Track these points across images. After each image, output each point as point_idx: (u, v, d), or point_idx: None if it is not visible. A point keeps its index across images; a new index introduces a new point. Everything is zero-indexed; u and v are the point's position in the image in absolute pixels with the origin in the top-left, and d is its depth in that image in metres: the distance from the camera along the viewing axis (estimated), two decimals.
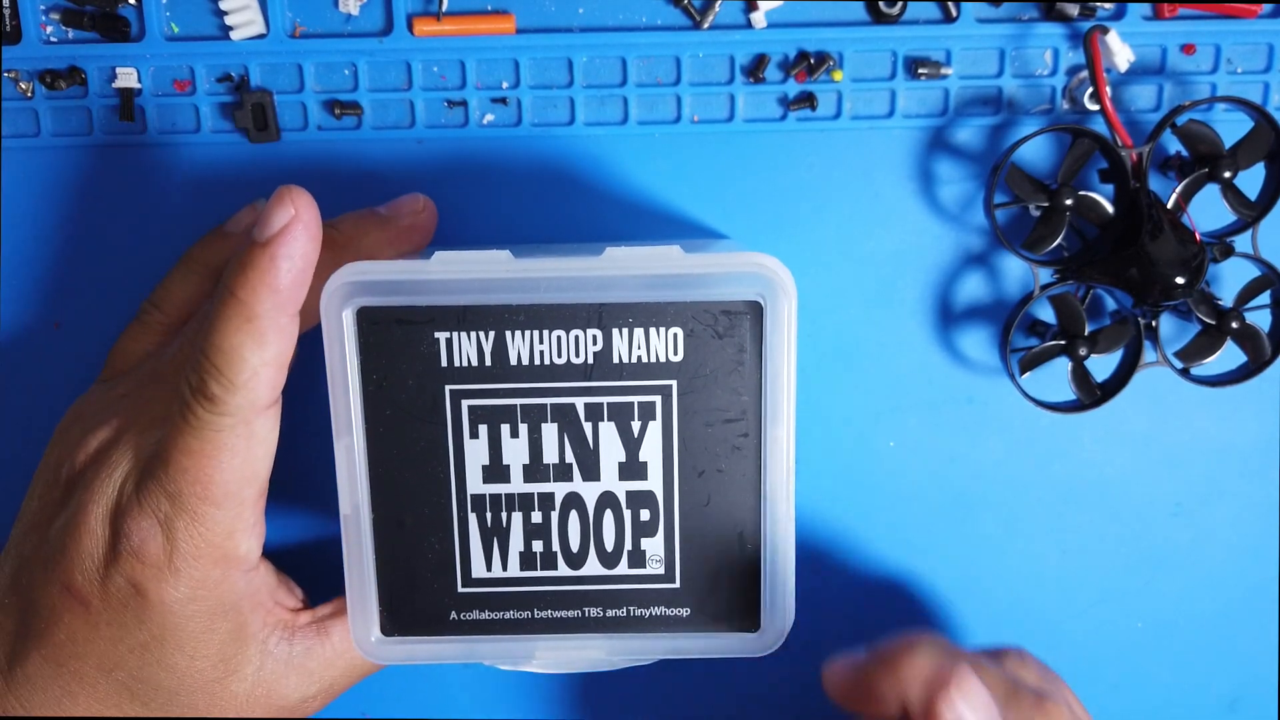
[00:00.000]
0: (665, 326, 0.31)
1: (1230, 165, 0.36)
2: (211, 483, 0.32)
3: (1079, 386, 0.38)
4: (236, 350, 0.31)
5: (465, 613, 0.33)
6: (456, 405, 0.31)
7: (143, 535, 0.32)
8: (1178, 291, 0.36)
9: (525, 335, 0.31)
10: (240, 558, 0.33)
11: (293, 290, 0.31)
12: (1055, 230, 0.37)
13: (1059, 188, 0.37)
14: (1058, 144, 0.39)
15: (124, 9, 0.38)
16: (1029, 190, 0.37)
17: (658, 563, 0.32)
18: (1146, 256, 0.36)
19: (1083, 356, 0.37)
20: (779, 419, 0.31)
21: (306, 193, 0.31)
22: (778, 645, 0.32)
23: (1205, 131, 0.37)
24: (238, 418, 0.32)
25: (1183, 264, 0.36)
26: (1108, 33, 0.36)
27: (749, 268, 0.30)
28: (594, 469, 0.32)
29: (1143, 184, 0.36)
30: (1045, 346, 0.38)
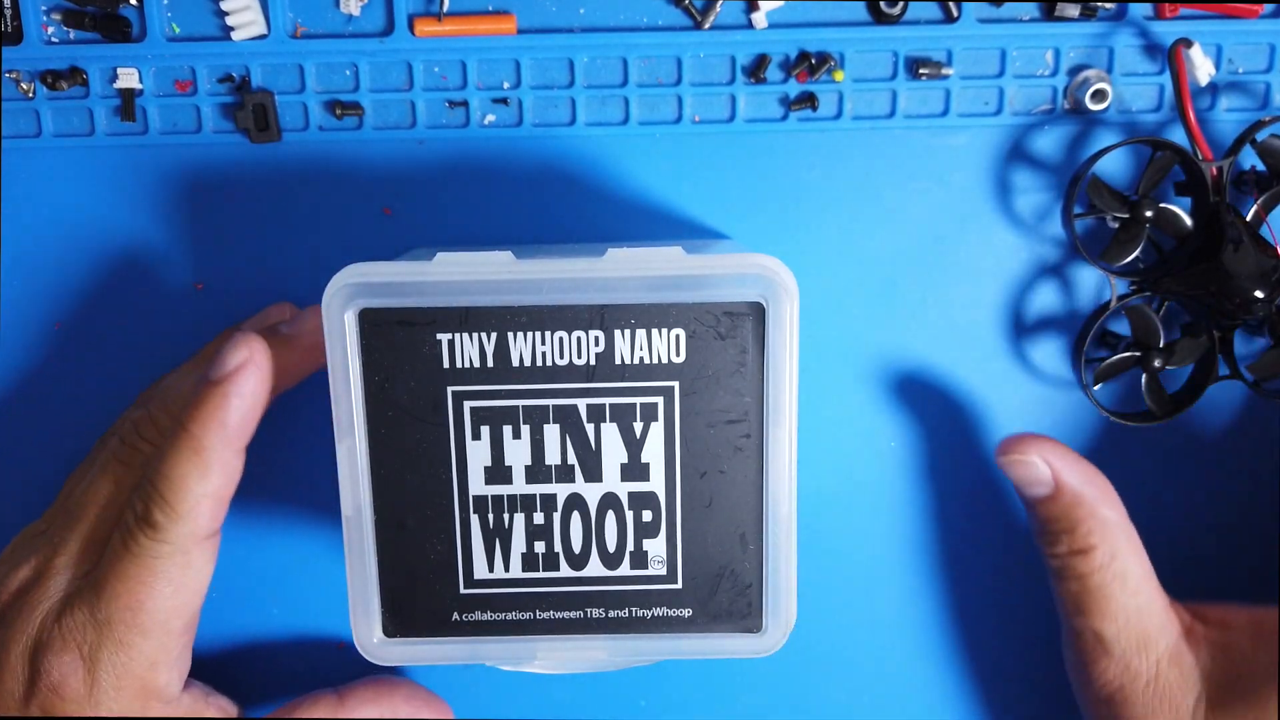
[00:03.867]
0: (667, 328, 0.31)
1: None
2: (142, 610, 0.33)
3: (1153, 398, 0.38)
4: (182, 480, 0.32)
5: (467, 614, 0.33)
6: (459, 406, 0.31)
7: (63, 671, 0.33)
8: (1257, 306, 0.36)
9: (527, 336, 0.31)
10: (160, 689, 0.34)
11: (241, 427, 0.33)
12: (1134, 242, 0.37)
13: (1139, 199, 0.37)
14: (1128, 155, 0.38)
15: (125, 9, 0.38)
16: (1109, 201, 0.37)
17: (660, 564, 0.32)
18: (1225, 270, 0.36)
19: (1158, 369, 0.37)
20: (781, 420, 0.31)
21: (260, 339, 0.33)
22: (780, 646, 0.32)
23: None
24: (176, 546, 0.32)
25: (1262, 278, 0.36)
26: (1191, 46, 0.36)
27: (751, 269, 0.30)
28: (596, 470, 0.32)
29: (1223, 198, 0.36)
30: (1121, 358, 0.38)
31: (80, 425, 0.40)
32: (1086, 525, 0.35)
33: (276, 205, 0.39)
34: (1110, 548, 0.35)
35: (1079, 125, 0.38)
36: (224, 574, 0.41)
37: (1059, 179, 0.39)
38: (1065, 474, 0.35)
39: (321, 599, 0.41)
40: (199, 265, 0.39)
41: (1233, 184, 0.38)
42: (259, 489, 0.40)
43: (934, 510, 0.41)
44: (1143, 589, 0.35)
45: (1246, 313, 0.36)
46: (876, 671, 0.41)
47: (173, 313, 0.40)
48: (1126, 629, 0.34)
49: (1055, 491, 0.35)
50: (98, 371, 0.40)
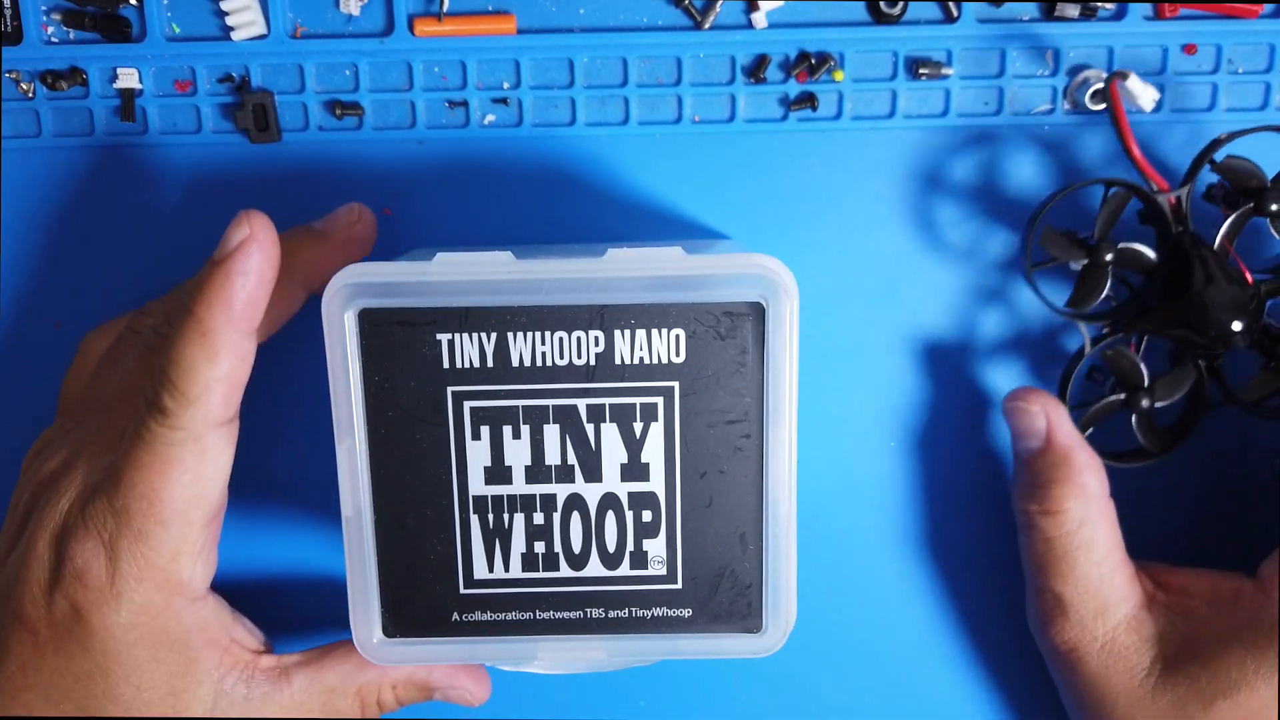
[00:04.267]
0: (667, 328, 0.31)
1: (1277, 196, 0.35)
2: (159, 499, 0.32)
3: (1147, 436, 0.37)
4: (190, 364, 0.31)
5: (467, 614, 0.33)
6: (459, 407, 0.31)
7: (85, 557, 0.32)
8: (1236, 338, 0.35)
9: (527, 337, 0.31)
10: (184, 584, 0.33)
11: (247, 307, 0.32)
12: (1098, 287, 0.36)
13: (1098, 243, 0.36)
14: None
15: (125, 9, 0.38)
16: (1067, 250, 0.36)
17: (660, 564, 0.32)
18: (1199, 304, 0.35)
19: (1146, 409, 0.36)
20: (780, 420, 0.31)
21: (263, 215, 0.32)
22: (780, 646, 0.32)
23: (1245, 165, 0.35)
24: (189, 432, 0.32)
25: (1239, 308, 0.34)
26: (1127, 77, 0.35)
27: (751, 269, 0.30)
28: (596, 470, 0.32)
29: (1185, 228, 0.35)
30: (1106, 403, 0.37)
31: None
32: (1064, 488, 0.36)
33: (277, 206, 0.39)
34: (1081, 514, 0.35)
35: (1079, 125, 0.38)
36: (224, 573, 0.41)
37: (1059, 178, 0.39)
38: (1060, 432, 0.36)
39: (321, 599, 0.41)
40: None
41: (1204, 198, 0.37)
42: (259, 488, 0.40)
43: (933, 510, 0.41)
44: (1108, 559, 0.36)
45: (1226, 346, 0.35)
46: (877, 671, 0.41)
47: None
48: (1086, 595, 0.35)
49: (1045, 446, 0.36)
50: None
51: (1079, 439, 0.36)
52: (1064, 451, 0.36)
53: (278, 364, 0.39)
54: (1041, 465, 0.36)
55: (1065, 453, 0.36)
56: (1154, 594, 0.36)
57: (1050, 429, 0.36)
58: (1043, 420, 0.36)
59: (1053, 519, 0.36)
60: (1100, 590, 0.35)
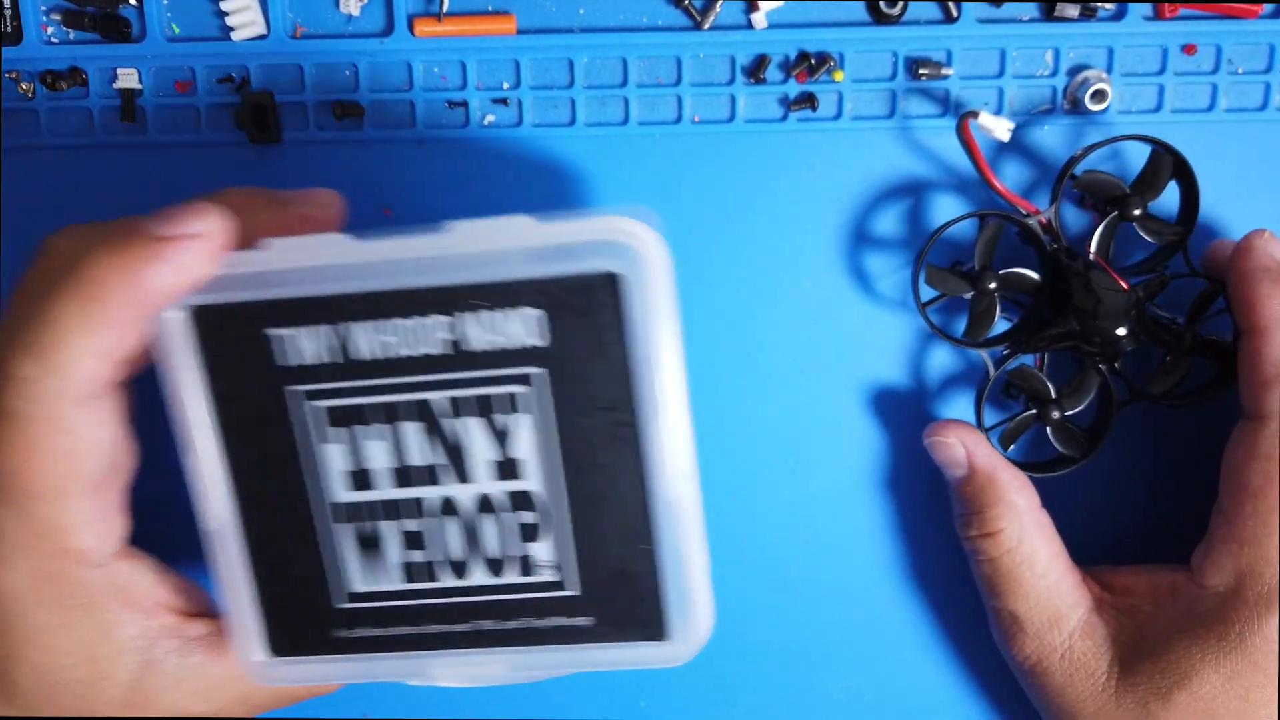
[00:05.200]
0: (523, 307, 0.28)
1: (1139, 201, 0.36)
2: (22, 476, 0.28)
3: (1066, 444, 0.38)
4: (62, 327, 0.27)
5: (351, 630, 0.30)
6: (299, 407, 0.29)
7: None
8: (1124, 342, 0.36)
9: (369, 326, 0.28)
10: (80, 552, 0.30)
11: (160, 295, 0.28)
12: (989, 315, 0.37)
13: (980, 273, 0.37)
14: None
15: (125, 10, 0.38)
16: (952, 285, 0.37)
17: (550, 569, 0.30)
18: (1082, 316, 0.36)
19: (1057, 420, 0.37)
20: (660, 405, 0.28)
21: (232, 217, 0.29)
22: (693, 654, 0.30)
23: (1102, 179, 0.36)
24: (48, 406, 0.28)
25: (1122, 314, 0.35)
26: (977, 115, 0.35)
27: (605, 234, 0.27)
28: (465, 470, 0.29)
29: (1059, 245, 0.36)
30: (1020, 420, 0.37)
31: None
32: (996, 509, 0.36)
33: None
34: (1018, 531, 0.36)
35: (1078, 125, 0.38)
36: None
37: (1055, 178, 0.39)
38: (979, 457, 0.37)
39: None
40: None
41: (1078, 205, 0.38)
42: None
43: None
44: (1051, 569, 0.36)
45: (1116, 351, 0.36)
46: (874, 668, 0.41)
47: None
48: (1038, 608, 0.36)
49: (969, 473, 0.37)
50: None
51: (999, 460, 0.37)
52: (987, 475, 0.37)
53: None
54: (970, 492, 0.37)
55: (989, 476, 0.37)
56: (1102, 596, 0.36)
57: (969, 456, 0.37)
58: (961, 449, 0.37)
59: (991, 541, 0.36)
60: (1050, 601, 0.36)
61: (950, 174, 0.39)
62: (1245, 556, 0.33)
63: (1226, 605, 0.34)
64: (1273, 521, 0.33)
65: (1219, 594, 0.34)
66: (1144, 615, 0.35)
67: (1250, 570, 0.33)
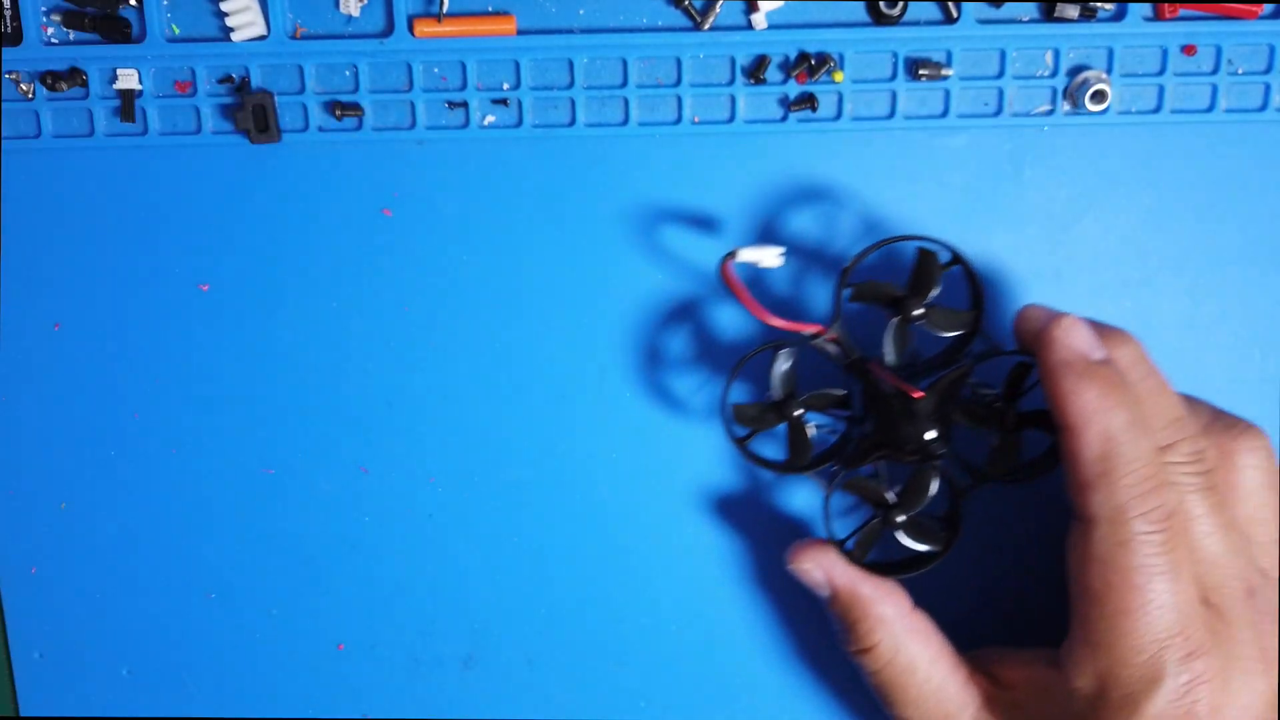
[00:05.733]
0: None
1: (916, 302, 0.35)
2: None
3: (923, 540, 0.37)
4: None
5: None
6: None
7: None
8: (935, 445, 0.35)
9: None
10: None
11: None
12: (803, 441, 0.37)
13: (784, 401, 0.36)
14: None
15: (125, 10, 0.38)
16: (759, 419, 0.37)
17: None
18: (889, 426, 0.35)
19: (903, 522, 0.36)
20: None
21: None
22: None
23: (875, 287, 0.36)
24: None
25: (926, 418, 0.35)
26: (735, 255, 0.35)
27: None
28: None
29: (851, 358, 0.36)
30: (867, 530, 0.37)
31: (81, 428, 0.40)
32: (865, 624, 0.36)
33: (276, 206, 0.39)
34: (891, 642, 0.36)
35: (1078, 126, 0.38)
36: (223, 575, 0.41)
37: (1058, 179, 0.39)
38: (836, 576, 0.36)
39: (320, 601, 0.41)
40: (199, 266, 0.39)
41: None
42: (262, 490, 0.41)
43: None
44: (934, 674, 0.36)
45: (930, 455, 0.35)
46: None
47: (176, 314, 0.40)
48: (928, 712, 0.36)
49: (833, 594, 0.37)
50: (99, 373, 0.40)
51: (859, 575, 0.36)
52: (849, 593, 0.36)
53: None
54: (838, 611, 0.37)
55: (850, 594, 0.36)
56: (990, 692, 0.36)
57: (829, 577, 0.36)
58: (818, 572, 0.36)
59: (869, 656, 0.36)
60: (938, 705, 0.36)
61: (949, 173, 0.39)
62: (1101, 660, 0.33)
63: (1091, 708, 0.33)
64: (1121, 624, 0.32)
65: (1085, 696, 0.33)
66: (1029, 712, 0.35)
67: (1109, 673, 0.32)
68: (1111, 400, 0.32)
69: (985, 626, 0.40)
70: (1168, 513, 0.32)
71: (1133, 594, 0.32)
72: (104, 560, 0.41)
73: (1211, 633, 0.32)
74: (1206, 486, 0.33)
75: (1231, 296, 0.39)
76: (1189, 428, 0.34)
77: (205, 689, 0.42)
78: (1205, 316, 0.39)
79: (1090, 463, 0.32)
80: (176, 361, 0.40)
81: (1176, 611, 0.32)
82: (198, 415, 0.40)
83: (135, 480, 0.41)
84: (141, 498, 0.41)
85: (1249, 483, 0.34)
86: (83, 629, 0.42)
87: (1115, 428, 0.32)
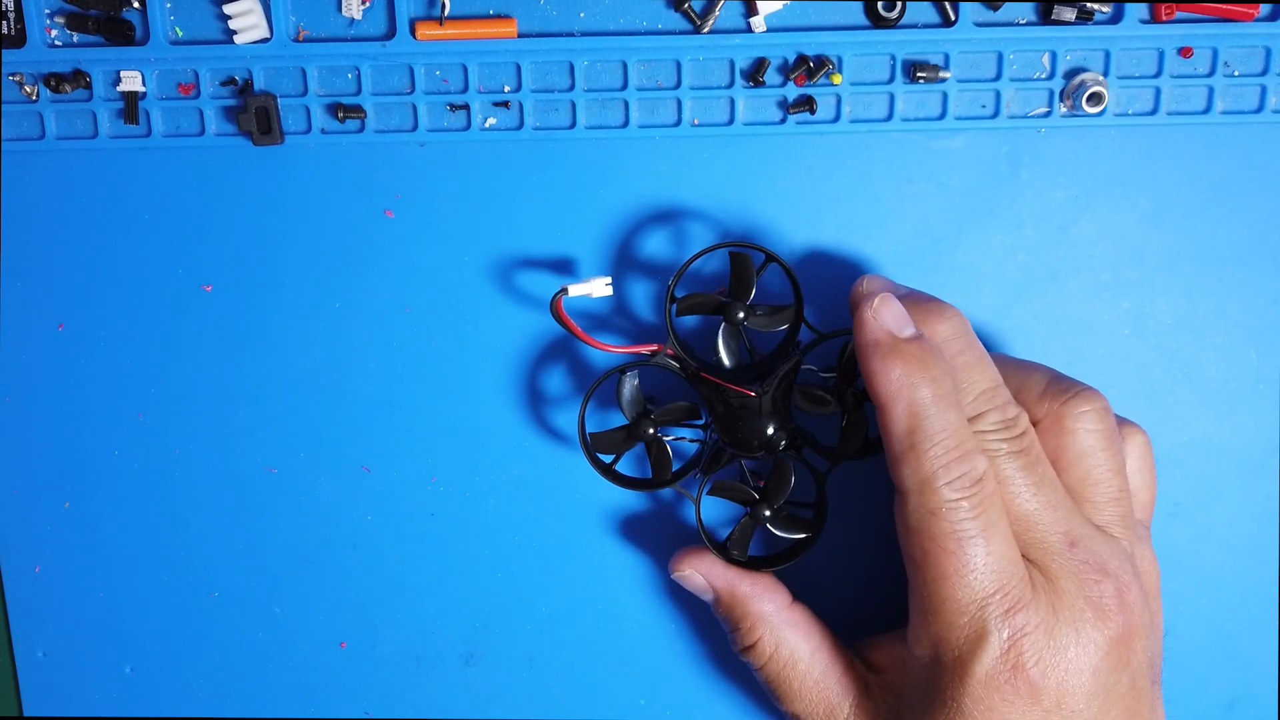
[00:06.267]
0: None
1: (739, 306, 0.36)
2: None
3: (793, 529, 0.37)
4: None
5: None
6: None
7: None
8: (776, 438, 0.36)
9: None
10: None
11: None
12: (664, 457, 0.38)
13: (635, 421, 0.37)
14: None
15: (128, 13, 0.38)
16: (610, 446, 0.38)
17: None
18: (730, 429, 0.36)
19: (771, 515, 0.37)
20: None
21: None
22: None
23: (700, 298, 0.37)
24: None
25: (764, 415, 0.36)
26: (565, 291, 0.36)
27: None
28: None
29: (688, 369, 0.37)
30: (741, 527, 0.38)
31: (85, 428, 0.40)
32: (746, 623, 0.37)
33: (279, 208, 0.39)
34: (772, 637, 0.37)
35: (1075, 128, 0.38)
36: (225, 574, 0.41)
37: (1055, 181, 0.39)
38: (715, 579, 0.38)
39: (322, 599, 0.41)
40: (202, 268, 0.40)
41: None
42: (264, 490, 0.41)
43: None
44: (814, 665, 0.37)
45: (773, 448, 0.36)
46: None
47: (179, 315, 0.40)
48: (812, 705, 0.37)
49: (715, 596, 0.38)
50: (100, 373, 0.40)
51: (736, 575, 0.38)
52: (728, 594, 0.37)
53: None
54: (722, 613, 0.38)
55: (730, 594, 0.37)
56: (867, 678, 0.37)
57: (709, 580, 0.38)
58: (698, 578, 0.38)
59: (753, 652, 0.37)
60: (822, 695, 0.37)
61: (947, 175, 0.39)
62: (931, 626, 0.33)
63: (933, 674, 0.34)
64: (941, 589, 0.33)
65: (925, 664, 0.34)
66: (898, 690, 0.35)
67: (939, 638, 0.33)
68: (917, 376, 0.33)
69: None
70: (975, 479, 0.33)
71: (948, 559, 0.33)
72: (107, 559, 0.41)
73: (1033, 587, 0.33)
74: (1018, 450, 0.34)
75: (1228, 297, 0.39)
76: (999, 396, 0.34)
77: (208, 688, 0.42)
78: (1202, 317, 0.40)
79: (899, 437, 0.33)
80: (179, 362, 0.40)
81: (992, 571, 0.33)
82: (201, 415, 0.40)
83: (138, 480, 0.41)
84: (144, 497, 0.41)
85: (1082, 444, 0.35)
86: (86, 628, 0.42)
87: (920, 401, 0.33)
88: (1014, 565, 0.33)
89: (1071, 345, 0.40)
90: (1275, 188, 0.39)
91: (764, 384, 0.36)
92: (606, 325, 0.40)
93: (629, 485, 0.38)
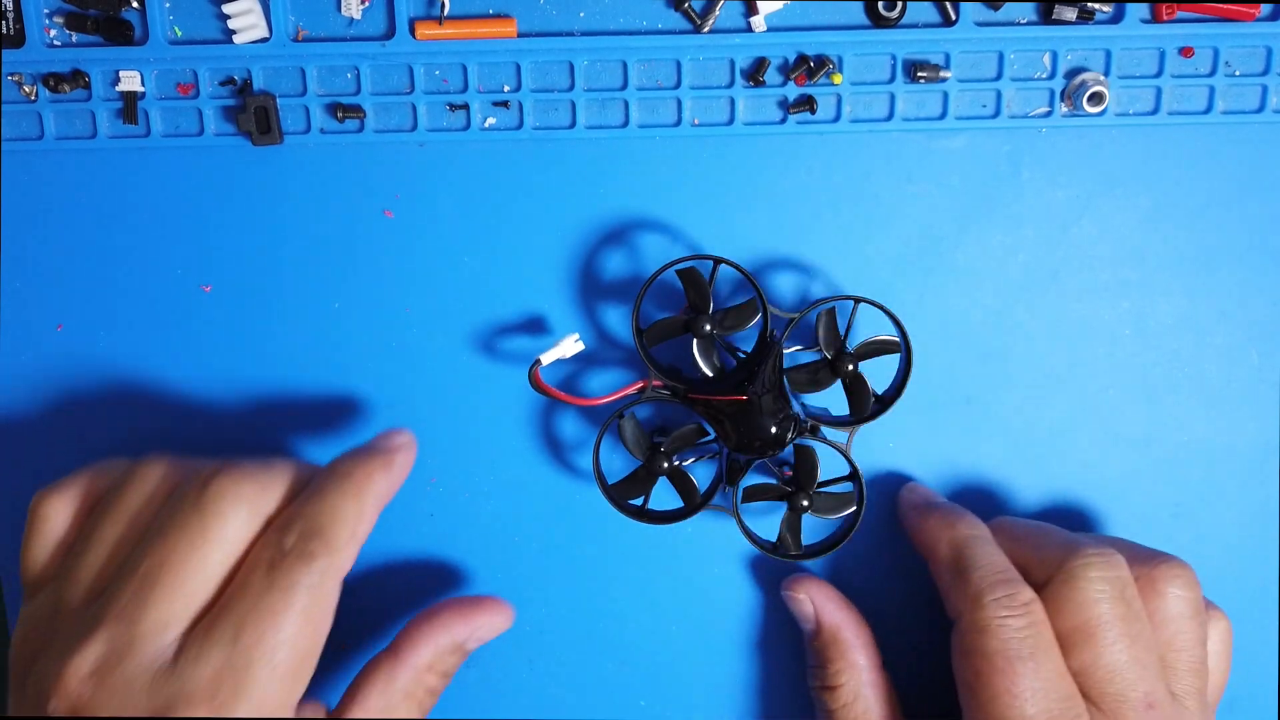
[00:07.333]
0: None
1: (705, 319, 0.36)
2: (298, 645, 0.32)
3: (840, 508, 0.38)
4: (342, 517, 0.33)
5: None
6: None
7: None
8: (781, 433, 0.36)
9: None
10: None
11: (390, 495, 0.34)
12: (688, 485, 0.38)
13: (649, 458, 0.37)
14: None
15: (127, 13, 0.38)
16: (641, 486, 0.38)
17: None
18: (732, 439, 0.36)
19: (807, 505, 0.37)
20: None
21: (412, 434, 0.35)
22: None
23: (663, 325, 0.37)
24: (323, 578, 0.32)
25: (766, 415, 0.36)
26: (540, 362, 0.36)
27: None
28: None
29: (681, 395, 0.37)
30: (784, 525, 0.38)
31: (83, 428, 0.40)
32: (837, 665, 0.38)
33: (278, 208, 0.39)
34: (854, 689, 0.38)
35: (1076, 128, 0.38)
36: None
37: (1056, 181, 0.39)
38: (825, 615, 0.38)
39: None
40: (202, 268, 0.40)
41: None
42: None
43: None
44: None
45: (781, 442, 0.36)
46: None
47: (178, 315, 0.40)
48: None
49: (816, 629, 0.38)
50: (100, 374, 0.40)
51: (845, 618, 0.38)
52: (832, 633, 0.38)
53: None
54: (817, 647, 0.39)
55: (834, 633, 0.38)
56: None
57: (817, 613, 0.39)
58: (809, 606, 0.39)
59: (831, 694, 0.38)
60: None
61: (948, 175, 0.39)
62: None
63: None
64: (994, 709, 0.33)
65: None
66: None
67: None
68: (952, 518, 0.37)
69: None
70: (1023, 601, 0.34)
71: (999, 677, 0.33)
72: None
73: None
74: (1120, 597, 0.34)
75: (1229, 297, 0.39)
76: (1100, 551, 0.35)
77: None
78: (1202, 317, 0.40)
79: (946, 569, 0.36)
80: (181, 363, 0.40)
81: (1046, 696, 0.33)
82: (200, 415, 0.40)
83: None
84: None
85: (1172, 609, 0.35)
86: None
87: (959, 537, 0.36)
88: (1068, 699, 0.33)
89: (1071, 345, 0.40)
90: (1276, 188, 0.39)
91: (753, 384, 0.36)
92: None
93: (665, 521, 0.38)
